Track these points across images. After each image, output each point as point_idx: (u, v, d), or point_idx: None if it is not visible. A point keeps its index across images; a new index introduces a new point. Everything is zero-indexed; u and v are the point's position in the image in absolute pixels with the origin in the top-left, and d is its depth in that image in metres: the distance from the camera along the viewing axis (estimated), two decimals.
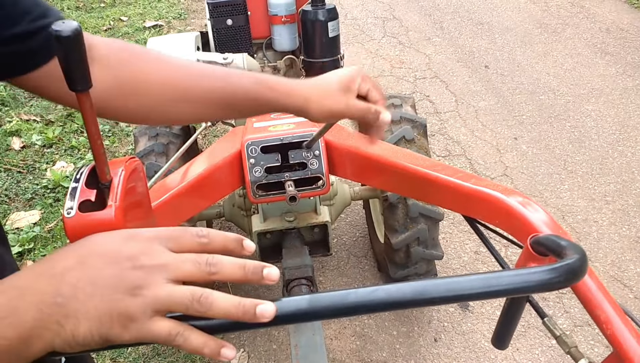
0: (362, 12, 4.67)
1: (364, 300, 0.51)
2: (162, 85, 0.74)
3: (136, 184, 0.69)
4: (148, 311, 0.46)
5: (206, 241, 0.51)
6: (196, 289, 0.47)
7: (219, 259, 0.49)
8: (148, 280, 0.47)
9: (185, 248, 0.50)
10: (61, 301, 0.45)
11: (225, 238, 0.52)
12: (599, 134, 3.02)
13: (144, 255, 0.48)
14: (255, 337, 2.03)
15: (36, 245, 2.40)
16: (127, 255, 0.48)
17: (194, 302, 0.47)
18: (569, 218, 2.48)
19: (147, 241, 0.50)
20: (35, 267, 0.49)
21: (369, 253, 2.34)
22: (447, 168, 1.08)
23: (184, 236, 0.51)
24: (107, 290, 0.46)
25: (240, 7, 1.90)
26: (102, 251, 0.49)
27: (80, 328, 0.45)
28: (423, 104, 3.37)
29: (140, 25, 4.47)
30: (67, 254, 0.49)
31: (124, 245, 0.49)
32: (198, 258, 0.49)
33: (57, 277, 0.47)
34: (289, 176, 1.33)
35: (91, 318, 0.45)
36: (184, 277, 0.48)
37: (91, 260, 0.48)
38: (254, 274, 0.49)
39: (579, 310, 2.04)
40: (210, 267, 0.48)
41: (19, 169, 2.85)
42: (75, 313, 0.45)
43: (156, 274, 0.47)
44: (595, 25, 4.19)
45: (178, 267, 0.48)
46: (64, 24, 0.53)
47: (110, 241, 0.50)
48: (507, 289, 0.52)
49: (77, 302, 0.45)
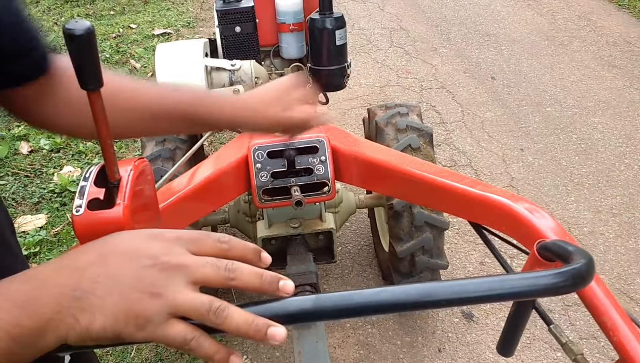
0: (369, 23, 4.69)
1: (370, 300, 0.51)
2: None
3: (144, 185, 0.70)
4: (165, 313, 0.46)
5: (227, 247, 0.51)
6: (214, 300, 0.48)
7: (238, 265, 0.49)
8: (168, 282, 0.47)
9: (206, 252, 0.51)
10: (79, 295, 0.46)
11: (245, 247, 0.52)
12: (606, 147, 3.02)
13: (165, 255, 0.48)
14: (258, 344, 2.02)
15: (42, 248, 2.41)
16: (149, 253, 0.48)
17: (210, 313, 0.47)
18: (575, 230, 2.47)
19: (168, 242, 0.50)
20: (58, 260, 0.50)
21: (374, 261, 2.33)
22: (453, 175, 1.08)
23: (205, 240, 0.51)
24: (126, 287, 0.46)
25: (249, 14, 1.92)
26: (124, 249, 0.49)
27: (95, 323, 0.46)
28: (429, 114, 3.37)
29: (149, 33, 4.51)
30: (89, 250, 0.50)
31: (146, 243, 0.50)
32: (218, 262, 0.49)
33: (78, 271, 0.47)
34: (295, 182, 1.34)
35: (107, 315, 0.46)
36: (203, 280, 0.48)
37: (113, 257, 0.49)
38: (271, 284, 0.50)
39: (585, 323, 2.02)
40: (229, 272, 0.49)
41: (26, 173, 2.87)
42: (92, 308, 0.46)
43: (176, 275, 0.47)
44: (602, 38, 4.20)
45: (198, 269, 0.48)
46: (77, 23, 0.53)
47: (132, 240, 0.51)
48: (513, 292, 0.52)
49: (95, 297, 0.46)
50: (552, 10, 4.72)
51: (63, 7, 5.15)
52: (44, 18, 4.85)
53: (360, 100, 3.57)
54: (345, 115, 3.43)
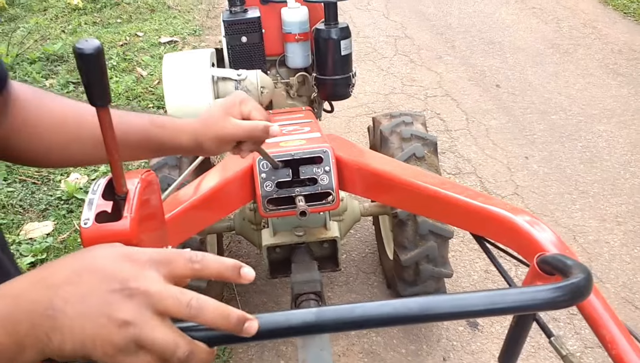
0: (374, 31, 4.71)
1: (371, 314, 0.52)
2: (53, 127, 0.77)
3: (151, 196, 0.71)
4: (132, 345, 0.46)
5: (199, 267, 0.51)
6: (179, 341, 0.47)
7: (202, 303, 0.48)
8: (134, 310, 0.47)
9: (178, 273, 0.50)
10: (51, 314, 0.46)
11: (220, 265, 0.51)
12: (611, 155, 3.01)
13: (134, 280, 0.48)
14: (263, 351, 2.03)
15: (49, 255, 2.43)
16: (119, 277, 0.48)
17: (174, 357, 0.47)
18: (580, 238, 2.46)
19: (140, 264, 0.50)
20: (32, 275, 0.50)
21: (378, 269, 2.34)
22: (455, 186, 1.09)
23: (177, 261, 0.51)
24: (94, 311, 0.47)
25: (255, 25, 1.94)
26: (96, 267, 0.49)
27: (65, 344, 0.46)
28: (434, 122, 3.38)
29: (156, 41, 4.55)
30: (64, 265, 0.50)
31: (118, 264, 0.49)
32: (181, 296, 0.48)
33: (52, 289, 0.47)
34: (299, 191, 1.35)
35: (76, 338, 0.46)
36: (165, 312, 0.48)
37: (85, 276, 0.48)
38: (236, 325, 0.49)
39: (590, 332, 2.01)
40: (190, 309, 0.48)
41: (33, 180, 2.90)
42: (62, 329, 0.46)
43: (142, 305, 0.47)
44: (607, 46, 4.20)
45: (161, 301, 0.48)
46: (86, 42, 0.55)
47: (106, 259, 0.50)
48: (513, 307, 0.53)
49: (66, 318, 0.46)
50: (557, 18, 4.73)
51: (70, 15, 5.20)
52: (52, 26, 4.90)
53: (365, 108, 3.59)
54: (350, 123, 3.44)
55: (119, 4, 5.39)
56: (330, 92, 2.00)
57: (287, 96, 2.13)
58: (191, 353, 0.48)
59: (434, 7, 5.14)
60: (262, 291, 2.26)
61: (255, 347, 2.05)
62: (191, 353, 0.48)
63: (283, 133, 1.52)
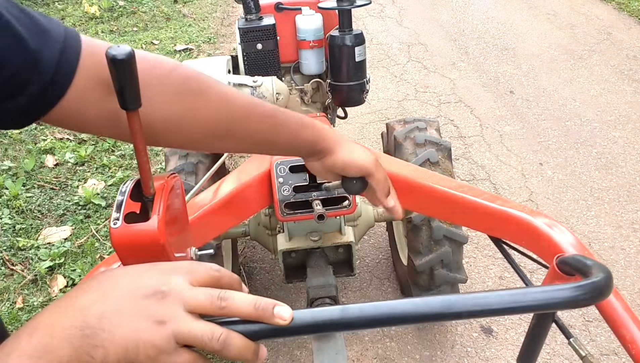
0: (387, 37, 4.73)
1: (395, 312, 0.53)
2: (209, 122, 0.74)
3: (175, 199, 0.73)
4: (172, 342, 0.48)
5: (218, 275, 0.54)
6: (216, 329, 0.50)
7: (230, 294, 0.51)
8: (169, 310, 0.49)
9: (200, 279, 0.53)
10: (89, 332, 0.47)
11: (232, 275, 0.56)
12: (626, 161, 2.99)
13: (164, 284, 0.51)
14: (278, 356, 2.04)
15: (66, 259, 2.46)
16: (148, 284, 0.51)
17: (213, 341, 0.49)
18: (595, 245, 2.45)
19: (165, 272, 0.53)
20: (58, 304, 0.51)
21: (392, 275, 2.34)
22: (472, 189, 1.09)
23: (198, 269, 0.54)
24: (132, 318, 0.48)
25: (270, 32, 1.96)
26: (123, 284, 0.52)
27: (109, 357, 0.47)
28: (447, 128, 3.38)
29: (171, 49, 4.60)
30: (88, 289, 0.52)
31: (144, 275, 0.52)
32: (211, 291, 0.51)
33: (82, 311, 0.49)
34: (316, 196, 1.36)
35: (118, 347, 0.47)
36: (197, 307, 0.50)
37: (113, 292, 0.51)
38: (265, 310, 0.51)
39: (606, 339, 2.01)
40: (221, 301, 0.51)
41: (52, 186, 2.94)
42: (103, 343, 0.47)
43: (176, 304, 0.50)
44: (622, 52, 4.18)
45: (192, 297, 0.50)
46: (119, 48, 0.57)
47: (129, 275, 0.53)
48: (533, 305, 0.53)
49: (104, 332, 0.48)
50: (572, 25, 4.71)
51: (88, 23, 5.29)
52: None
53: (379, 114, 3.60)
54: (364, 129, 3.46)
55: (135, 13, 5.47)
56: (344, 99, 2.01)
57: (302, 103, 2.15)
58: (228, 337, 0.50)
59: (447, 14, 5.15)
60: (275, 296, 2.27)
61: (270, 351, 2.06)
62: (228, 338, 0.50)
63: None
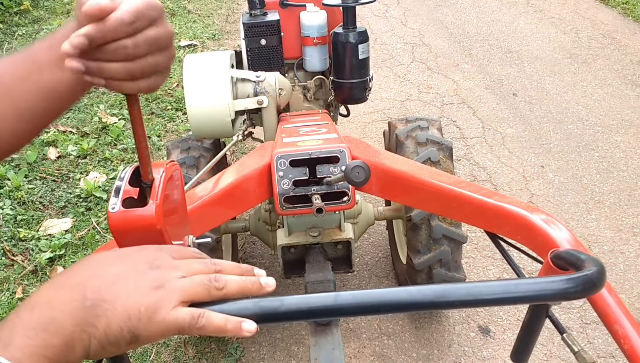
0: (391, 38, 4.73)
1: (387, 299, 0.53)
2: None
3: (174, 188, 0.74)
4: (172, 301, 0.51)
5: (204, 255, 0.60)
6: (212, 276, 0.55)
7: (220, 261, 0.58)
8: (166, 276, 0.53)
9: (188, 258, 0.58)
10: (90, 304, 0.49)
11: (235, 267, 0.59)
12: (628, 166, 2.99)
13: (156, 259, 0.55)
14: (275, 351, 2.04)
15: (67, 251, 2.47)
16: (142, 260, 0.54)
17: (211, 282, 0.53)
18: (595, 248, 2.45)
19: (155, 250, 0.57)
20: (53, 282, 0.53)
21: (391, 274, 2.34)
22: (470, 185, 1.10)
23: (185, 250, 0.59)
24: (130, 288, 0.51)
25: (274, 28, 1.96)
26: (116, 261, 0.54)
27: (111, 325, 0.49)
28: (449, 129, 3.39)
29: (176, 45, 4.61)
30: (82, 267, 0.54)
31: (136, 254, 0.56)
32: (201, 258, 0.58)
33: (79, 285, 0.51)
34: (316, 190, 1.37)
35: (120, 315, 0.49)
36: (192, 272, 0.55)
37: (108, 269, 0.53)
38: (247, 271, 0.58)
39: (603, 341, 2.01)
40: (215, 265, 0.56)
41: (54, 178, 2.95)
42: (105, 312, 0.49)
43: (171, 272, 0.53)
44: (626, 57, 4.17)
45: (185, 265, 0.55)
46: None
47: (121, 253, 0.56)
48: (526, 296, 0.54)
49: (105, 303, 0.50)
50: (576, 29, 4.71)
51: None
52: None
53: (381, 114, 3.60)
54: (366, 128, 3.46)
55: None
56: (347, 96, 2.02)
57: (304, 99, 2.15)
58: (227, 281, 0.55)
59: (452, 16, 5.15)
60: (274, 292, 2.27)
61: (267, 346, 2.06)
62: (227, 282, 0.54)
63: (300, 134, 1.54)
